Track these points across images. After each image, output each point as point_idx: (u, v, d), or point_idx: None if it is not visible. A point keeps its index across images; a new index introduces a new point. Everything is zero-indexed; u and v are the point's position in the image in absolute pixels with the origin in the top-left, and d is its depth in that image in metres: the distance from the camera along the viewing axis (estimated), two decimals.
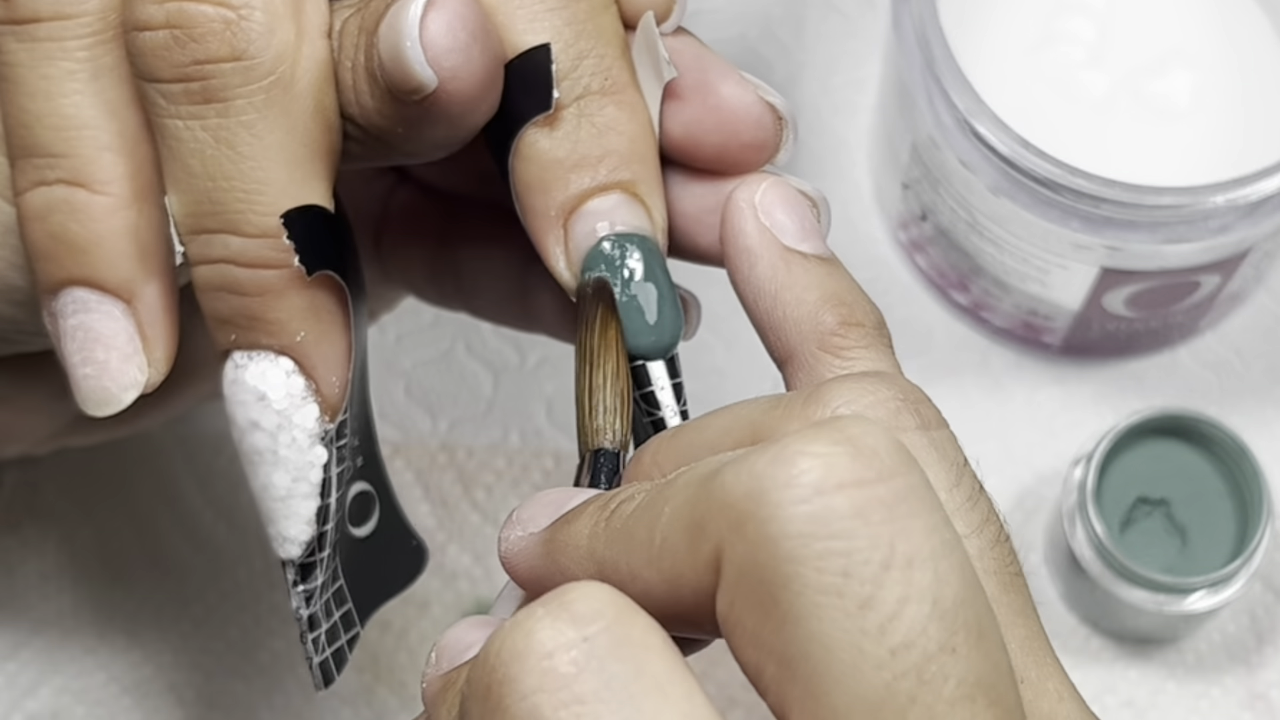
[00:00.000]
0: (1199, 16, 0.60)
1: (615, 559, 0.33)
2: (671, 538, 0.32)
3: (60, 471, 0.62)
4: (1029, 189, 0.55)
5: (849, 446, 0.31)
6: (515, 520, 0.36)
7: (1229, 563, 0.57)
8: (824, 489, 0.30)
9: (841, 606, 0.30)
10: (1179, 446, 0.59)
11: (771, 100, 0.41)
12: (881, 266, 0.65)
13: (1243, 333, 0.64)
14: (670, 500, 0.33)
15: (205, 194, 0.38)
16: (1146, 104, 0.59)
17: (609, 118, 0.40)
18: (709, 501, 0.31)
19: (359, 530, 0.42)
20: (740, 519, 0.31)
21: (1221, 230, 0.54)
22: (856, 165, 0.66)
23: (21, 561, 0.62)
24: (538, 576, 0.36)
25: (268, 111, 0.38)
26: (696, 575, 0.32)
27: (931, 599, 0.30)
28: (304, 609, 0.41)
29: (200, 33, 0.37)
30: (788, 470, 0.30)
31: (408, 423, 0.63)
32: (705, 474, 0.32)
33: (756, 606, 0.31)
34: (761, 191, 0.40)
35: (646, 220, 0.40)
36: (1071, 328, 0.61)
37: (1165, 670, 0.61)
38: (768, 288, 0.39)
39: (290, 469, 0.39)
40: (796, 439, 0.31)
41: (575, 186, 0.40)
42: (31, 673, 0.61)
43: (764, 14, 0.67)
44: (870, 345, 0.39)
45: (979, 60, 0.59)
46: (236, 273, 0.38)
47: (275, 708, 0.61)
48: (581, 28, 0.39)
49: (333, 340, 0.39)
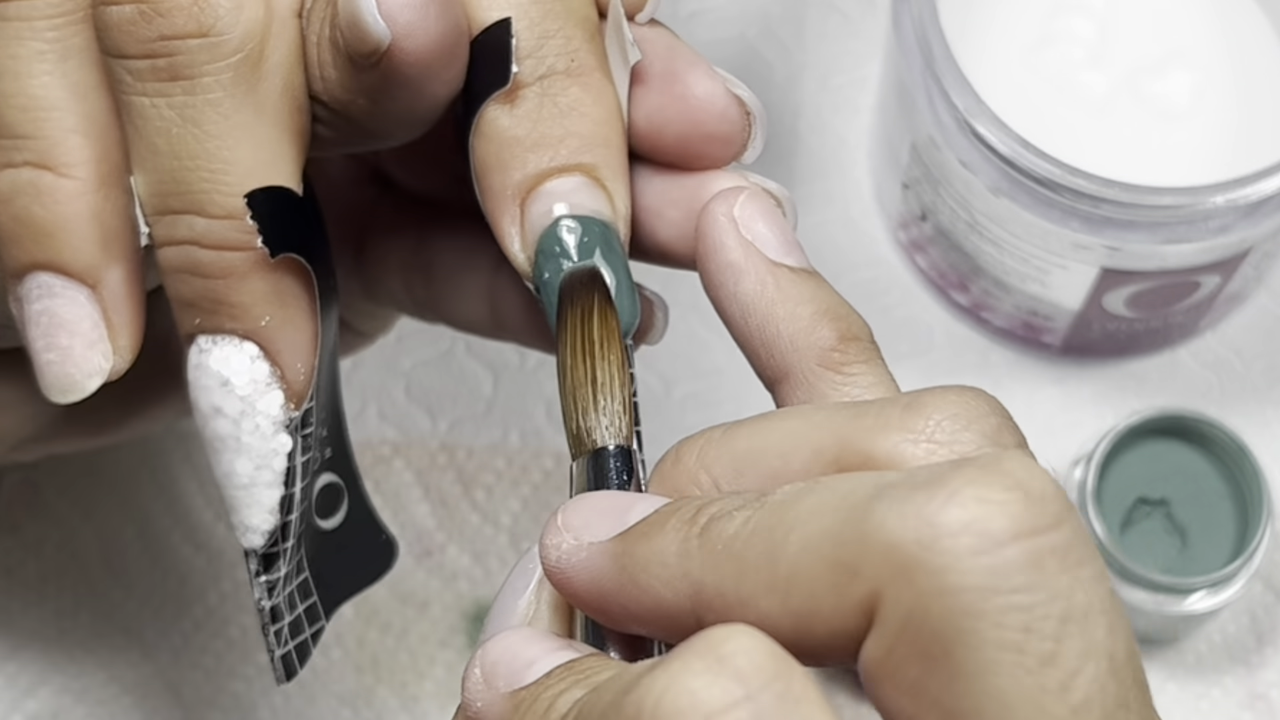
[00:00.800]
0: (1199, 17, 0.60)
1: (718, 583, 0.32)
2: (806, 572, 0.31)
3: (60, 472, 0.63)
4: (1029, 189, 0.55)
5: (1021, 492, 0.30)
6: (563, 527, 0.35)
7: (1229, 563, 0.57)
8: (1003, 540, 0.29)
9: (1022, 663, 0.29)
10: (1179, 447, 0.59)
11: (740, 94, 0.40)
12: (881, 266, 0.65)
13: (1243, 333, 0.64)
14: (798, 527, 0.31)
15: (170, 173, 0.37)
16: (1146, 104, 0.59)
17: (572, 99, 0.39)
18: (864, 542, 0.30)
19: (326, 523, 0.42)
20: (908, 566, 0.29)
21: (1221, 230, 0.54)
22: (857, 165, 0.66)
23: (21, 562, 0.62)
24: (604, 592, 0.34)
25: (235, 90, 0.37)
26: (840, 617, 0.30)
27: (1108, 655, 0.30)
28: (266, 600, 0.40)
29: (167, 8, 0.37)
30: (963, 515, 0.29)
31: (408, 423, 0.63)
32: (849, 503, 0.31)
33: (923, 658, 0.30)
34: (740, 204, 0.38)
35: (607, 205, 0.39)
36: (1071, 328, 0.61)
37: (1165, 670, 0.61)
38: (757, 304, 0.38)
39: (253, 456, 0.38)
40: (968, 481, 0.30)
41: (534, 166, 0.39)
42: (31, 673, 0.61)
43: (764, 14, 0.67)
44: (869, 360, 0.38)
45: (979, 60, 0.59)
46: (200, 254, 0.37)
47: (275, 708, 0.61)
48: (548, 7, 0.39)
49: (298, 325, 0.38)
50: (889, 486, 0.30)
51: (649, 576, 0.33)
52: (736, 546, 0.32)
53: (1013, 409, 0.63)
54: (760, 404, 0.38)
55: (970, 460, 0.30)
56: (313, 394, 0.39)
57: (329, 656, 0.61)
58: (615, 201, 0.39)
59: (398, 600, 0.62)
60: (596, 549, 0.34)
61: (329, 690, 0.61)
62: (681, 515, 0.33)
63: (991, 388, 0.63)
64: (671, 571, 0.32)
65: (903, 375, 0.63)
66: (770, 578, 0.31)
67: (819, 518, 0.31)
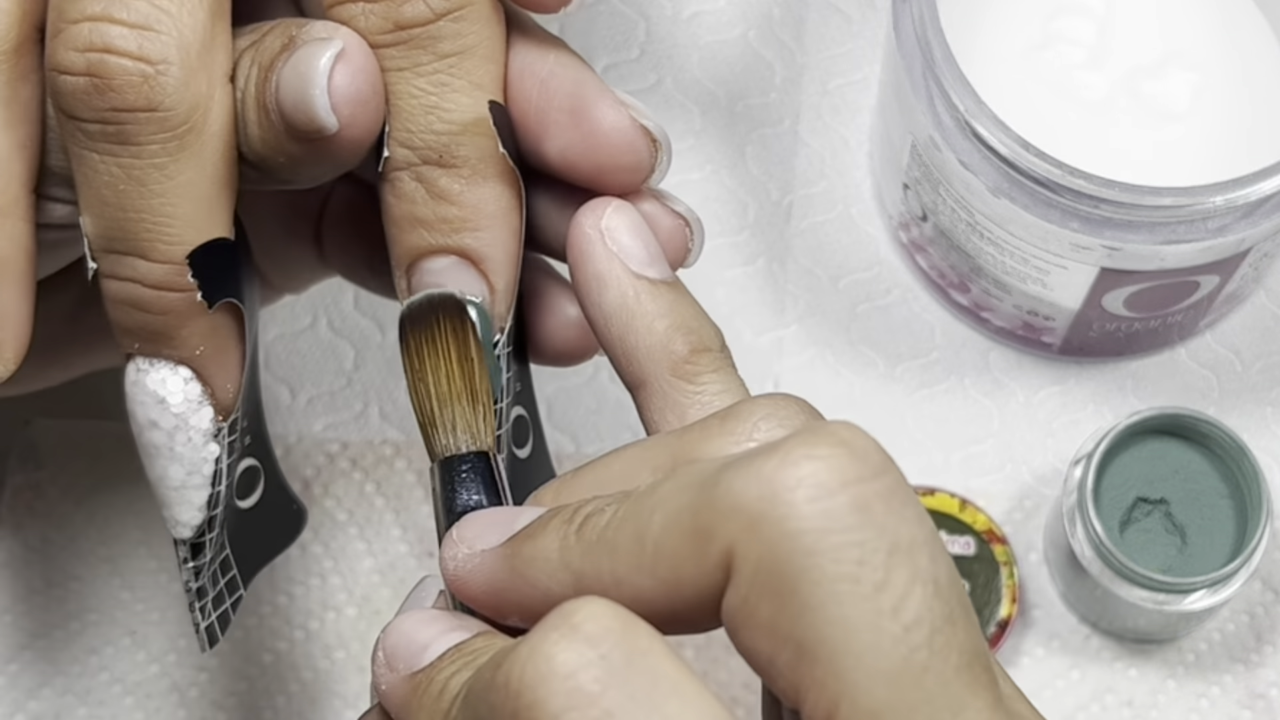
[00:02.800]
0: (1198, 18, 0.60)
1: (596, 568, 0.36)
2: (669, 543, 0.34)
3: (63, 473, 0.63)
4: (1029, 189, 0.55)
5: (845, 448, 0.34)
6: (457, 539, 0.38)
7: (1228, 562, 0.57)
8: (832, 488, 0.33)
9: (858, 591, 0.33)
10: (1178, 446, 0.59)
11: (645, 124, 0.42)
12: (882, 266, 0.65)
13: (1242, 333, 0.64)
14: (658, 509, 0.35)
15: (117, 222, 0.40)
16: (1146, 105, 0.60)
17: (442, 188, 0.41)
18: (714, 506, 0.34)
19: (244, 502, 0.46)
20: (754, 519, 0.33)
21: (1220, 231, 0.55)
22: (857, 165, 0.66)
23: (25, 564, 0.62)
24: (497, 590, 0.38)
25: (179, 155, 0.40)
26: (702, 575, 0.34)
27: (933, 579, 0.33)
28: (193, 582, 0.44)
29: (118, 84, 0.39)
30: (797, 472, 0.33)
31: (409, 422, 0.63)
32: (698, 481, 0.34)
33: (773, 598, 0.33)
34: (607, 216, 0.41)
35: (481, 286, 0.42)
36: (1071, 328, 0.61)
37: (1165, 670, 0.61)
38: (618, 315, 0.41)
39: (185, 464, 0.42)
40: (798, 443, 0.34)
41: (410, 242, 0.42)
42: (34, 673, 0.61)
43: (765, 15, 0.67)
44: (719, 369, 0.41)
45: (979, 61, 0.59)
46: (143, 292, 0.41)
47: (278, 708, 0.61)
48: (414, 104, 0.41)
49: (229, 352, 0.42)
50: (735, 459, 0.34)
51: (535, 571, 0.37)
52: (609, 535, 0.35)
53: (1013, 409, 0.63)
54: None
55: (801, 428, 0.35)
56: (239, 405, 0.43)
57: (332, 657, 0.61)
58: (492, 280, 0.42)
59: (399, 600, 0.62)
60: (489, 554, 0.38)
61: (332, 691, 0.61)
62: (561, 517, 0.37)
63: (991, 388, 0.64)
64: (554, 565, 0.36)
65: (903, 375, 0.64)
66: (639, 557, 0.35)
67: (676, 497, 0.35)
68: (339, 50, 0.39)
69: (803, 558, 0.33)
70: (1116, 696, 0.61)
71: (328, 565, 0.62)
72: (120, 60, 0.39)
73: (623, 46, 0.66)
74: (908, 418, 0.64)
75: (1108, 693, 0.61)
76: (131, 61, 0.39)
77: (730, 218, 0.65)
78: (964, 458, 0.63)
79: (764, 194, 0.65)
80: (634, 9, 0.67)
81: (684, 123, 0.66)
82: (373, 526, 0.62)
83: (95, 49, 0.39)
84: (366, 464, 0.63)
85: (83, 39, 0.39)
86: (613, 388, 0.64)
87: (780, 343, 0.64)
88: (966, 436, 0.63)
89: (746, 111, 0.66)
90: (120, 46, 0.39)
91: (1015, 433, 0.63)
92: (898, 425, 0.63)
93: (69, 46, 0.39)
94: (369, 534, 0.62)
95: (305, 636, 0.62)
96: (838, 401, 0.63)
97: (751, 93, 0.66)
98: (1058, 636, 0.61)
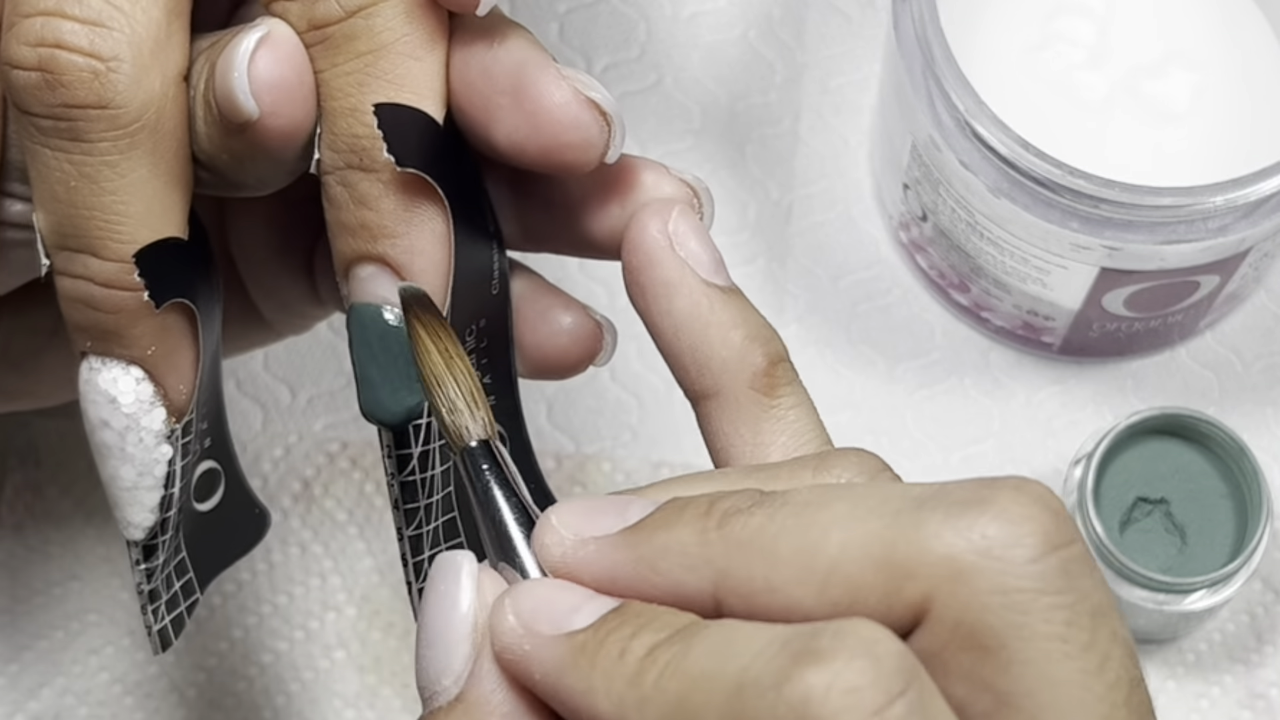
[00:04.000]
0: (1198, 17, 0.60)
1: (747, 570, 0.35)
2: (849, 568, 0.34)
3: (63, 473, 0.63)
4: (1029, 189, 0.55)
5: (1051, 512, 0.34)
6: (559, 526, 0.37)
7: (1228, 562, 0.57)
8: (1044, 550, 0.34)
9: (1067, 651, 0.34)
10: (1178, 446, 0.59)
11: (592, 95, 0.40)
12: (882, 266, 0.65)
13: (1242, 333, 0.64)
14: (837, 528, 0.34)
15: (69, 218, 0.40)
16: (1146, 105, 0.60)
17: (362, 193, 0.41)
18: (919, 548, 0.34)
19: (203, 505, 0.45)
20: (966, 572, 0.34)
21: (1220, 231, 0.55)
22: (857, 165, 0.66)
23: (25, 564, 0.62)
24: (616, 578, 0.36)
25: (131, 153, 0.39)
26: (886, 609, 0.34)
27: (1125, 641, 0.35)
28: (145, 584, 0.44)
29: (69, 80, 0.39)
30: (1015, 530, 0.34)
31: None
32: (892, 511, 0.34)
33: (977, 649, 0.34)
34: (674, 219, 0.40)
35: None
36: (1071, 328, 0.61)
37: (1165, 670, 0.61)
38: (691, 324, 0.40)
39: (136, 464, 0.42)
40: (1011, 501, 0.34)
41: (339, 246, 0.41)
42: (34, 674, 0.61)
43: (765, 14, 0.67)
44: (792, 381, 0.40)
45: (979, 60, 0.59)
46: (94, 290, 0.40)
47: (278, 708, 0.61)
48: (335, 105, 0.40)
49: (181, 353, 0.42)
50: (931, 500, 0.34)
51: (669, 563, 0.35)
52: (764, 539, 0.35)
53: (1013, 409, 0.63)
54: None
55: (1002, 481, 0.35)
56: (193, 406, 0.42)
57: (332, 657, 0.61)
58: None
59: (401, 601, 0.62)
60: (607, 542, 0.36)
61: (332, 691, 0.61)
62: (695, 509, 0.36)
63: (991, 388, 0.64)
64: (693, 559, 0.35)
65: (903, 375, 0.64)
66: (806, 571, 0.34)
67: (862, 521, 0.34)
68: (262, 35, 0.39)
69: (1016, 615, 0.33)
70: None
71: (328, 565, 0.62)
72: (71, 56, 0.38)
73: (623, 46, 0.66)
74: (908, 418, 0.64)
75: None
76: (82, 58, 0.38)
77: (730, 218, 0.65)
78: (964, 458, 0.63)
79: (764, 194, 0.65)
80: (634, 9, 0.67)
81: (684, 122, 0.66)
82: (372, 526, 0.62)
83: (46, 44, 0.38)
84: (366, 464, 0.63)
85: (34, 34, 0.38)
86: (613, 387, 0.64)
87: None
88: (966, 436, 0.63)
89: (746, 111, 0.66)
90: (71, 42, 0.38)
91: (1015, 433, 0.63)
92: (898, 425, 0.63)
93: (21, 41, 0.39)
94: (369, 534, 0.62)
95: (305, 636, 0.62)
96: (838, 401, 0.63)
97: (751, 92, 0.66)
98: None
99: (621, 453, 0.63)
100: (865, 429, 0.63)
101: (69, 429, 0.63)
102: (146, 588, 0.44)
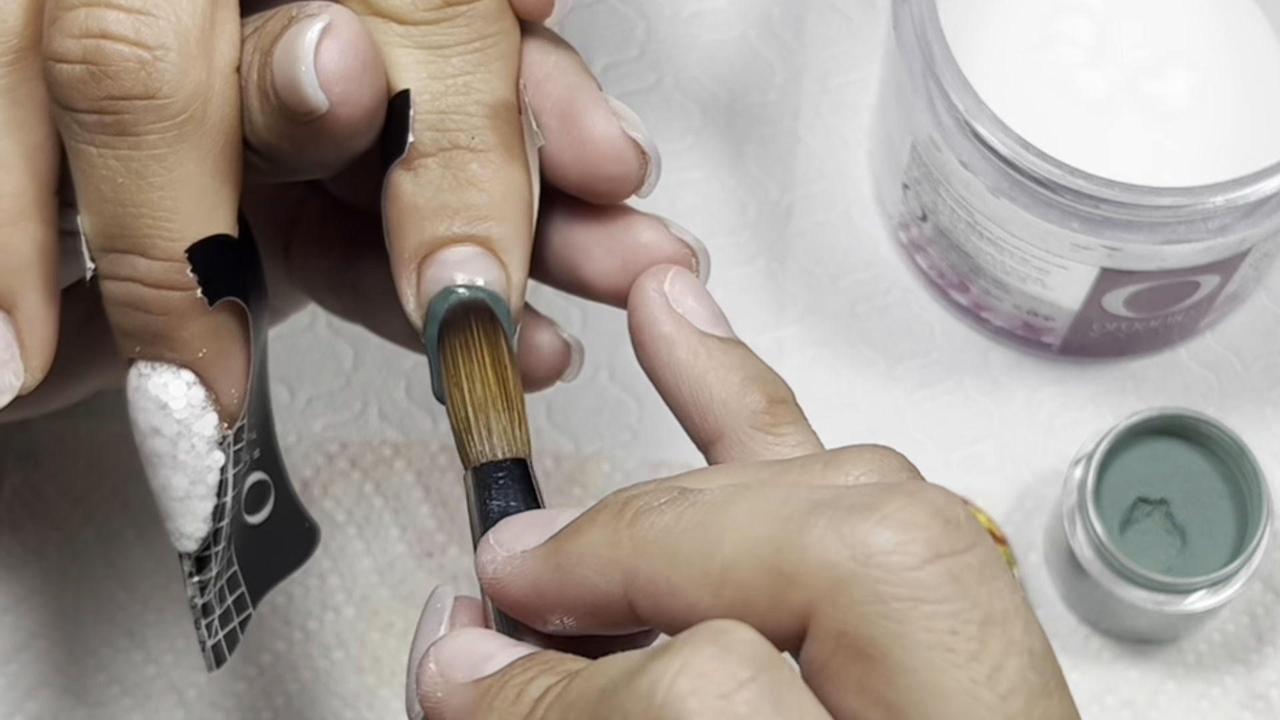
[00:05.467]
0: (1198, 17, 0.60)
1: (650, 571, 0.35)
2: (741, 572, 0.34)
3: (62, 473, 0.63)
4: (1029, 189, 0.55)
5: (940, 518, 0.34)
6: (494, 543, 0.38)
7: (1229, 563, 0.57)
8: (926, 556, 0.33)
9: (952, 659, 0.33)
10: (1178, 446, 0.59)
11: (635, 136, 0.42)
12: (882, 266, 0.65)
13: (1242, 333, 0.64)
14: (732, 531, 0.35)
15: (115, 218, 0.39)
16: (1146, 105, 0.59)
17: (472, 173, 0.41)
18: (802, 555, 0.34)
19: (254, 518, 0.44)
20: (844, 580, 0.33)
21: (1221, 231, 0.55)
22: (857, 165, 0.66)
23: (23, 563, 0.62)
24: (540, 590, 0.37)
25: (178, 146, 0.39)
26: (775, 615, 0.34)
27: (1028, 650, 0.34)
28: (199, 598, 0.43)
29: (115, 70, 0.38)
30: (892, 537, 0.34)
31: (408, 423, 0.63)
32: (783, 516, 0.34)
33: (862, 659, 0.33)
34: (670, 279, 0.41)
35: (500, 276, 0.41)
36: (1071, 328, 0.61)
37: (1165, 670, 0.61)
38: (690, 372, 0.41)
39: (189, 472, 0.41)
40: (896, 507, 0.34)
41: (430, 232, 0.41)
42: (33, 674, 0.61)
43: (765, 14, 0.67)
44: (795, 420, 0.41)
45: (979, 60, 0.59)
46: (143, 292, 0.40)
47: (277, 709, 0.61)
48: (450, 83, 0.40)
49: (233, 356, 0.41)
50: (824, 505, 0.34)
51: (583, 568, 0.36)
52: (669, 540, 0.35)
53: (1013, 409, 0.63)
54: None
55: (896, 486, 0.35)
56: (244, 412, 0.42)
57: (331, 658, 0.61)
58: (511, 274, 0.41)
59: (400, 601, 0.62)
60: (530, 555, 0.37)
61: (331, 691, 0.61)
62: (609, 510, 0.36)
63: (991, 388, 0.64)
64: (604, 560, 0.36)
65: (903, 375, 0.64)
66: (703, 571, 0.35)
67: (755, 525, 0.35)
68: (325, 25, 0.39)
69: (895, 624, 0.33)
70: (1116, 697, 0.61)
71: (327, 565, 0.62)
72: (117, 46, 0.38)
73: (623, 46, 0.66)
74: (908, 418, 0.63)
75: (1108, 694, 0.61)
76: (128, 47, 0.38)
77: (730, 217, 0.65)
78: (964, 458, 0.63)
79: (764, 193, 0.65)
80: (634, 9, 0.67)
81: (684, 122, 0.66)
82: (371, 526, 0.62)
83: (92, 35, 0.38)
84: (366, 464, 0.63)
85: (79, 25, 0.38)
86: (612, 388, 0.64)
87: (780, 343, 0.64)
88: (966, 436, 0.63)
89: (746, 111, 0.66)
90: (117, 31, 0.38)
91: (1015, 433, 0.63)
92: (898, 425, 0.63)
93: (65, 33, 0.38)
94: (368, 534, 0.62)
95: (305, 636, 0.62)
96: (838, 401, 0.63)
97: (751, 92, 0.66)
98: (1058, 637, 0.61)
99: (621, 453, 0.63)
100: (865, 429, 0.63)
101: (68, 430, 0.63)
102: (200, 601, 0.43)
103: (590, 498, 0.62)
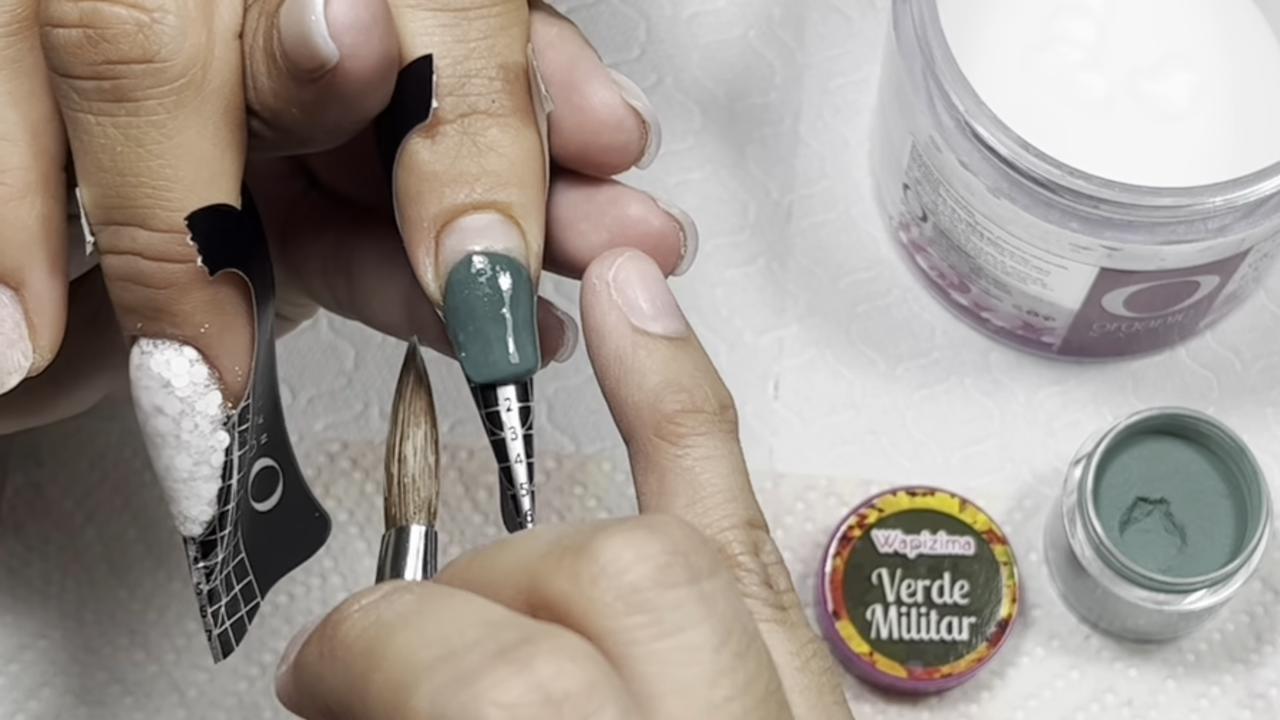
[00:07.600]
0: (1198, 18, 0.60)
1: (333, 679, 0.36)
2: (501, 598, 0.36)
3: (64, 473, 0.63)
4: (1029, 190, 0.55)
5: (643, 558, 0.35)
6: (284, 656, 0.39)
7: (1228, 562, 0.57)
8: (620, 594, 0.35)
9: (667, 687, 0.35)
10: (1178, 446, 0.59)
11: (635, 104, 0.41)
12: (882, 266, 0.65)
13: (1241, 333, 0.64)
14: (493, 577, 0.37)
15: (114, 188, 0.39)
16: (1145, 105, 0.60)
17: (491, 139, 0.40)
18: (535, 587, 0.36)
19: (262, 505, 0.44)
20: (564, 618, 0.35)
21: (1220, 231, 0.55)
22: (857, 165, 0.66)
23: (25, 563, 0.62)
24: (292, 704, 0.38)
25: (178, 112, 0.38)
26: None
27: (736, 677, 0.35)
28: (204, 584, 0.42)
29: (113, 34, 0.37)
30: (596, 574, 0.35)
31: None
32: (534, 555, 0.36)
33: None
34: (616, 268, 0.41)
35: (520, 244, 0.40)
36: (1071, 328, 0.61)
37: (1165, 670, 0.61)
38: (612, 369, 0.40)
39: (192, 453, 0.40)
40: (602, 548, 0.35)
41: (450, 200, 0.40)
42: (35, 673, 0.61)
43: (765, 14, 0.67)
44: (709, 432, 0.40)
45: (979, 61, 0.59)
46: (143, 265, 0.39)
47: (278, 708, 0.61)
48: (472, 47, 0.40)
49: (236, 332, 0.40)
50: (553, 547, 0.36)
51: (308, 690, 0.37)
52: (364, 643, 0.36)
53: (1013, 409, 0.63)
54: None
55: (612, 526, 0.35)
56: (249, 392, 0.41)
57: None
58: (529, 240, 0.41)
59: None
60: (287, 673, 0.39)
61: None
62: (317, 631, 0.37)
63: (991, 388, 0.64)
64: (313, 681, 0.37)
65: (903, 375, 0.64)
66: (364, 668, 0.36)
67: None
68: None
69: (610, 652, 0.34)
70: (1116, 696, 0.61)
71: (328, 565, 0.62)
72: (114, 9, 0.37)
73: (623, 46, 0.66)
74: (908, 418, 0.64)
75: (1108, 693, 0.61)
76: (126, 9, 0.37)
77: (730, 218, 0.65)
78: (964, 458, 0.63)
79: (764, 194, 0.65)
80: (634, 9, 0.67)
81: (684, 122, 0.66)
82: (372, 526, 0.62)
83: None
84: (366, 464, 0.63)
85: None
86: None
87: (780, 343, 0.64)
88: (966, 436, 0.63)
89: (746, 111, 0.66)
90: None
91: (1015, 433, 0.63)
92: (898, 425, 0.63)
93: None
94: (369, 534, 0.62)
95: None
96: (838, 401, 0.64)
97: (751, 92, 0.66)
98: (1057, 636, 0.61)
99: (621, 453, 0.63)
100: (865, 429, 0.63)
101: (71, 430, 0.63)
102: (205, 588, 0.42)
103: (591, 498, 0.62)
